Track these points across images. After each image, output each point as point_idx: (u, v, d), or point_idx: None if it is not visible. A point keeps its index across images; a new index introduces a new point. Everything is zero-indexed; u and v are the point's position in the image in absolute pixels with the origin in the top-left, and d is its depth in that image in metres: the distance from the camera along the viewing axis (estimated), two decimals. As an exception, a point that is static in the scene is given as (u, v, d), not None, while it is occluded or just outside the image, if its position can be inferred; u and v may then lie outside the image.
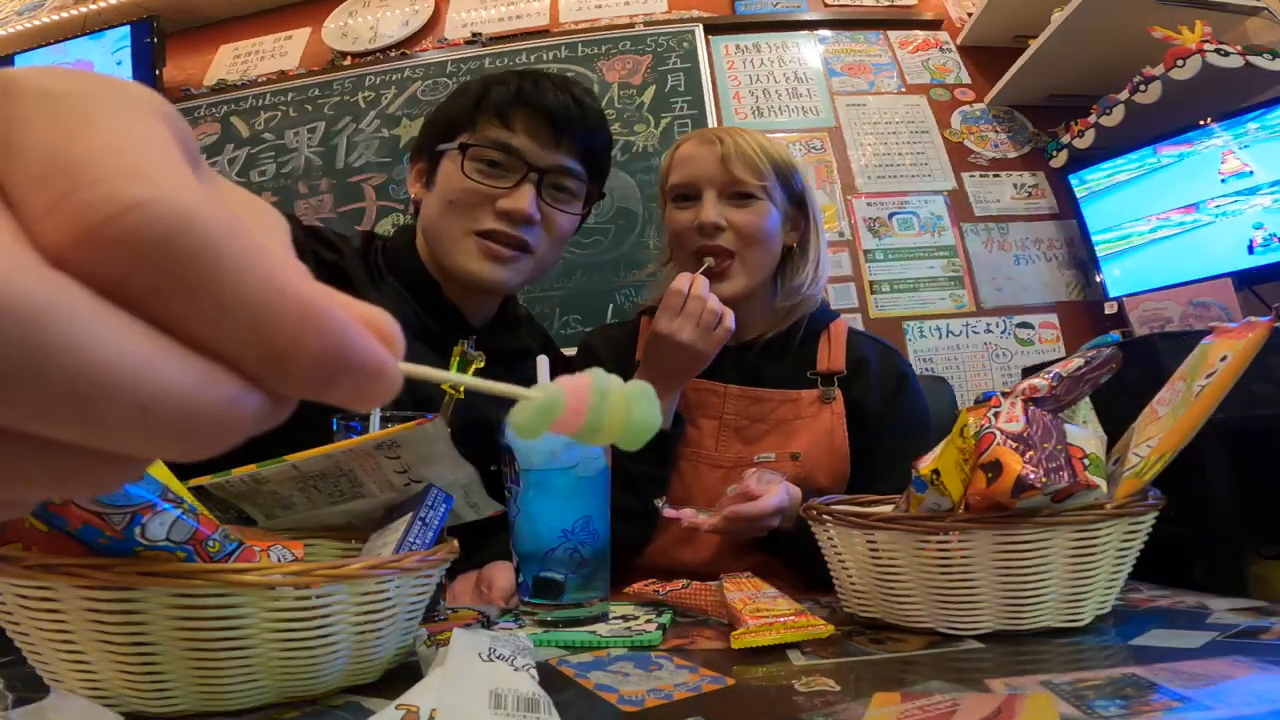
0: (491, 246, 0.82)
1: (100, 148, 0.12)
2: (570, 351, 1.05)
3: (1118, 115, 1.72)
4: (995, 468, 0.49)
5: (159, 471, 0.44)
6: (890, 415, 0.92)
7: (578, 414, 0.19)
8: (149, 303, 0.12)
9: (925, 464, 0.55)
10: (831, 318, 1.00)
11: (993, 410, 0.53)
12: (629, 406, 0.20)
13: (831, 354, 0.95)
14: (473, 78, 2.28)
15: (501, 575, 0.78)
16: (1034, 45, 1.85)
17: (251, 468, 0.54)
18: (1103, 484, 0.52)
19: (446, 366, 0.89)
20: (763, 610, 0.54)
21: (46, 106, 0.12)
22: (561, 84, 0.85)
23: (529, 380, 0.24)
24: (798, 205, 0.95)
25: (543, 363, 0.66)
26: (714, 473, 0.91)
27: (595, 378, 0.19)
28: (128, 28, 2.41)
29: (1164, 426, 0.54)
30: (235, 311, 0.13)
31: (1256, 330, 0.52)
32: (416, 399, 0.86)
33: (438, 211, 0.84)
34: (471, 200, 0.81)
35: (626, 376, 0.20)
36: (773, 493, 0.76)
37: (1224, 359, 0.52)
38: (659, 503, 0.82)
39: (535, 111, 0.82)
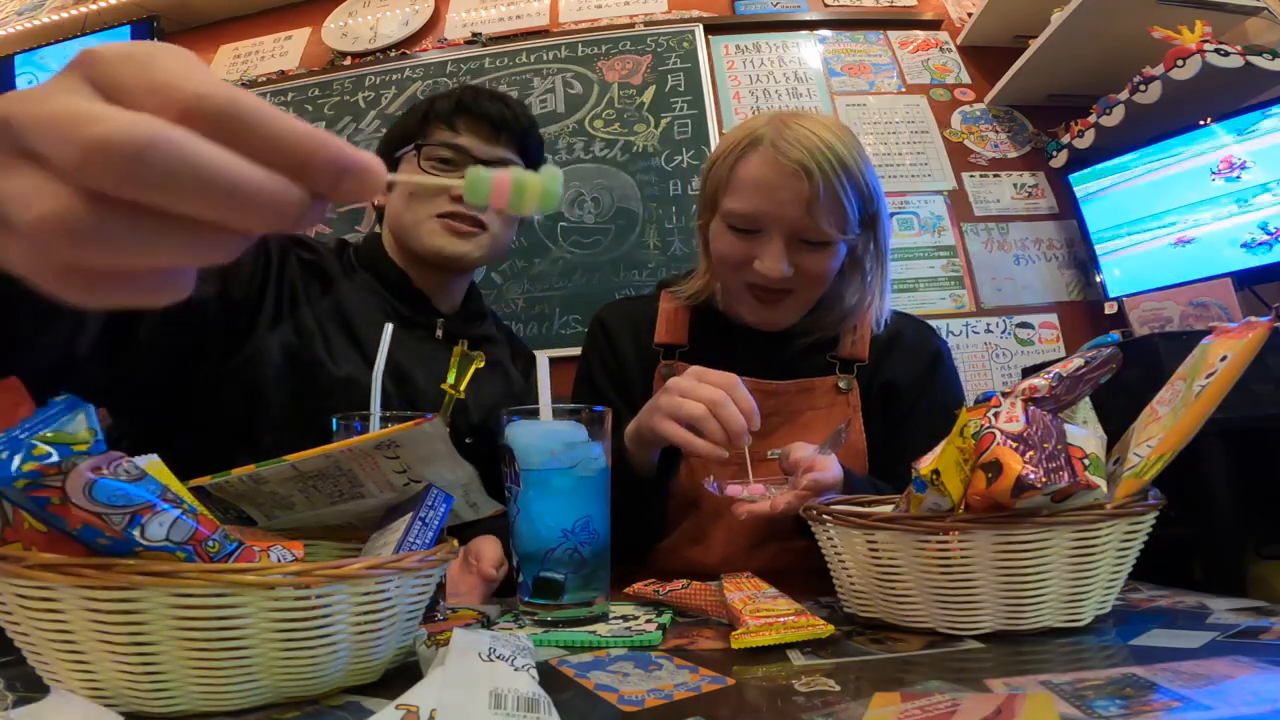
0: (452, 223, 0.95)
1: (181, 70, 0.23)
2: (570, 352, 1.05)
3: (1118, 115, 1.72)
4: (995, 468, 0.49)
5: (159, 472, 0.44)
6: (925, 394, 0.88)
7: (503, 184, 0.28)
8: (232, 141, 0.22)
9: (925, 464, 0.55)
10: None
11: (993, 410, 0.53)
12: (541, 184, 0.28)
13: (857, 340, 0.89)
14: (462, 81, 2.27)
15: (488, 546, 0.80)
16: (1034, 45, 1.85)
17: (251, 468, 0.54)
18: (1103, 484, 0.52)
19: (420, 350, 0.95)
20: (763, 610, 0.54)
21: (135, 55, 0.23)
22: (496, 94, 1.01)
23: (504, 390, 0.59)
24: (869, 227, 0.86)
25: (543, 363, 0.66)
26: (726, 469, 0.83)
27: (514, 171, 0.28)
28: (128, 28, 2.41)
29: (1164, 426, 0.54)
30: (277, 141, 0.23)
31: (1256, 330, 0.52)
32: (414, 402, 0.89)
33: (402, 206, 0.97)
34: (429, 191, 0.96)
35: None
36: (833, 462, 0.72)
37: (1224, 359, 0.52)
38: (708, 482, 0.74)
39: (476, 115, 0.97)
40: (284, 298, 0.87)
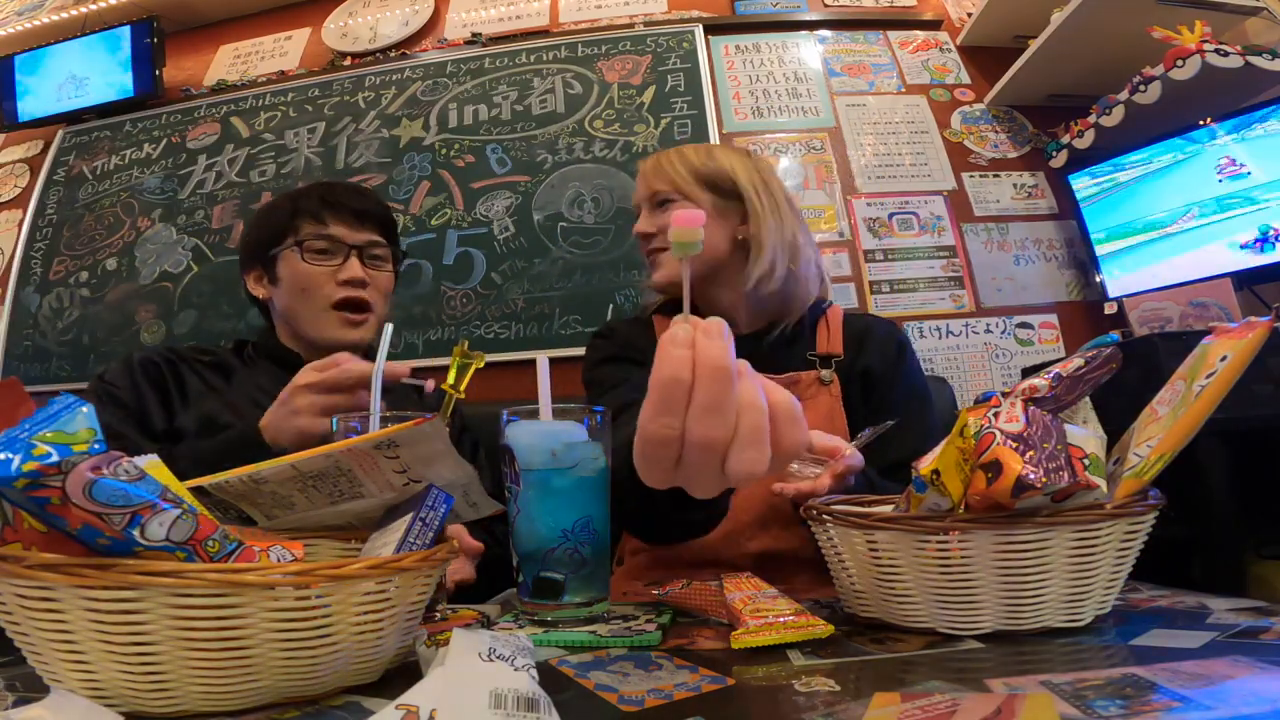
0: (347, 316, 1.05)
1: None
2: (570, 352, 1.04)
3: (1117, 115, 1.72)
4: (995, 468, 0.49)
5: (159, 472, 0.44)
6: (896, 376, 0.96)
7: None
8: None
9: (925, 464, 0.55)
10: (828, 305, 1.05)
11: (993, 410, 0.52)
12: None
13: (830, 337, 0.99)
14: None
15: (457, 527, 0.83)
16: (1034, 45, 1.85)
17: (250, 468, 0.54)
18: (1103, 484, 0.52)
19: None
20: (763, 610, 0.54)
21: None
22: (351, 187, 1.13)
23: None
24: (734, 200, 0.99)
25: (543, 363, 0.66)
26: None
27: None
28: (128, 28, 2.41)
29: (1164, 426, 0.54)
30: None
31: (1256, 330, 0.52)
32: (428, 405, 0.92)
33: (293, 299, 1.06)
34: (318, 281, 1.04)
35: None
36: (850, 450, 0.79)
37: (1224, 359, 0.52)
38: None
39: (340, 207, 1.07)
40: (185, 391, 1.01)
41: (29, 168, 2.44)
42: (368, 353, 1.07)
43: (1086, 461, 0.52)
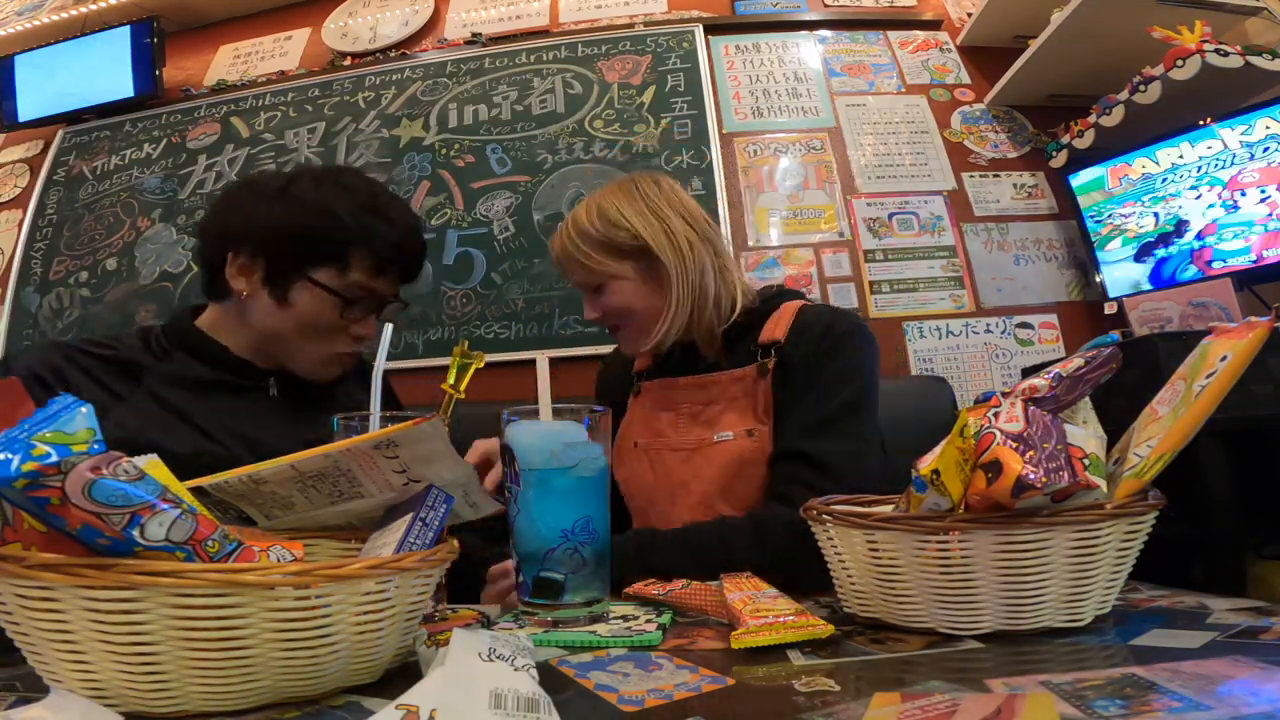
0: (342, 357, 0.95)
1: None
2: (570, 352, 1.05)
3: (1117, 115, 1.72)
4: (995, 468, 0.49)
5: (158, 472, 0.44)
6: (815, 364, 0.90)
7: None
8: None
9: (925, 464, 0.55)
10: (790, 298, 1.00)
11: (992, 410, 0.52)
12: None
13: (777, 327, 0.95)
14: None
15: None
16: (1034, 45, 1.85)
17: (250, 468, 0.54)
18: (1103, 484, 0.52)
19: (257, 411, 0.92)
20: (763, 610, 0.54)
21: None
22: (420, 233, 0.97)
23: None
24: (649, 257, 0.95)
25: (543, 363, 0.66)
26: (675, 455, 0.96)
27: None
28: (128, 28, 2.41)
29: (1164, 426, 0.54)
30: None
31: (1257, 330, 0.52)
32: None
33: (297, 333, 0.91)
34: (335, 332, 0.92)
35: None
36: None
37: (1224, 359, 0.52)
38: None
39: (403, 265, 0.95)
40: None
41: (29, 168, 2.43)
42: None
43: (1086, 461, 0.52)
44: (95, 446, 0.38)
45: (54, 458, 0.36)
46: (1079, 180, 1.84)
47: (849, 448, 0.85)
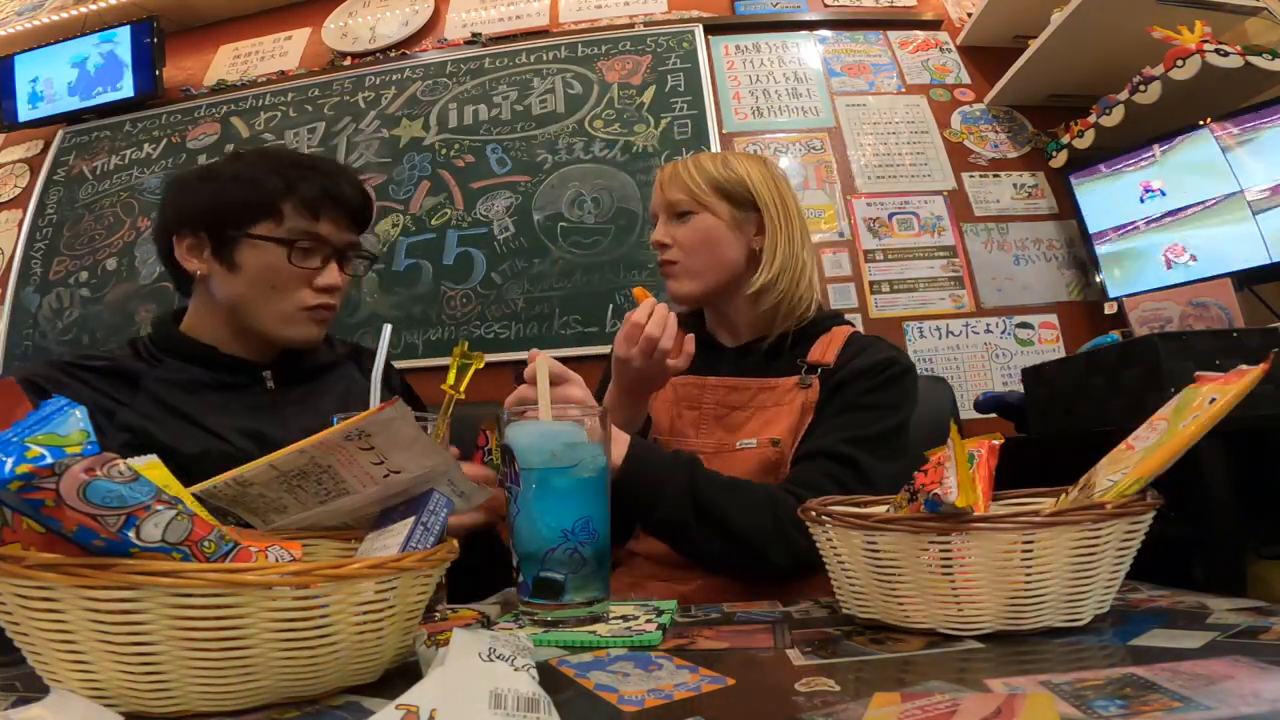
0: (317, 314, 0.95)
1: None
2: (570, 352, 1.04)
3: (1117, 115, 1.72)
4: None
5: (157, 473, 0.44)
6: (861, 385, 0.91)
7: None
8: None
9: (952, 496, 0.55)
10: (838, 322, 1.02)
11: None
12: None
13: (828, 349, 0.96)
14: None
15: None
16: (1034, 45, 1.85)
17: (233, 472, 0.54)
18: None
19: (256, 406, 0.93)
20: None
21: None
22: (352, 178, 0.98)
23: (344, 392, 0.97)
24: (751, 211, 0.99)
25: (542, 363, 0.66)
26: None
27: None
28: (128, 28, 2.41)
29: (1139, 459, 0.54)
30: None
31: (1248, 376, 0.53)
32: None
33: (256, 292, 0.92)
34: (294, 284, 0.92)
35: None
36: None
37: (1212, 400, 0.52)
38: None
39: (340, 204, 0.94)
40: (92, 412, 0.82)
41: (29, 168, 2.44)
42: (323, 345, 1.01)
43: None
44: (89, 448, 0.38)
45: (48, 459, 0.36)
46: (1079, 180, 1.84)
47: (891, 469, 0.86)
